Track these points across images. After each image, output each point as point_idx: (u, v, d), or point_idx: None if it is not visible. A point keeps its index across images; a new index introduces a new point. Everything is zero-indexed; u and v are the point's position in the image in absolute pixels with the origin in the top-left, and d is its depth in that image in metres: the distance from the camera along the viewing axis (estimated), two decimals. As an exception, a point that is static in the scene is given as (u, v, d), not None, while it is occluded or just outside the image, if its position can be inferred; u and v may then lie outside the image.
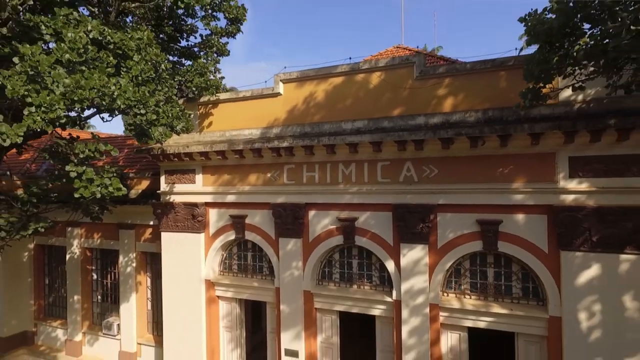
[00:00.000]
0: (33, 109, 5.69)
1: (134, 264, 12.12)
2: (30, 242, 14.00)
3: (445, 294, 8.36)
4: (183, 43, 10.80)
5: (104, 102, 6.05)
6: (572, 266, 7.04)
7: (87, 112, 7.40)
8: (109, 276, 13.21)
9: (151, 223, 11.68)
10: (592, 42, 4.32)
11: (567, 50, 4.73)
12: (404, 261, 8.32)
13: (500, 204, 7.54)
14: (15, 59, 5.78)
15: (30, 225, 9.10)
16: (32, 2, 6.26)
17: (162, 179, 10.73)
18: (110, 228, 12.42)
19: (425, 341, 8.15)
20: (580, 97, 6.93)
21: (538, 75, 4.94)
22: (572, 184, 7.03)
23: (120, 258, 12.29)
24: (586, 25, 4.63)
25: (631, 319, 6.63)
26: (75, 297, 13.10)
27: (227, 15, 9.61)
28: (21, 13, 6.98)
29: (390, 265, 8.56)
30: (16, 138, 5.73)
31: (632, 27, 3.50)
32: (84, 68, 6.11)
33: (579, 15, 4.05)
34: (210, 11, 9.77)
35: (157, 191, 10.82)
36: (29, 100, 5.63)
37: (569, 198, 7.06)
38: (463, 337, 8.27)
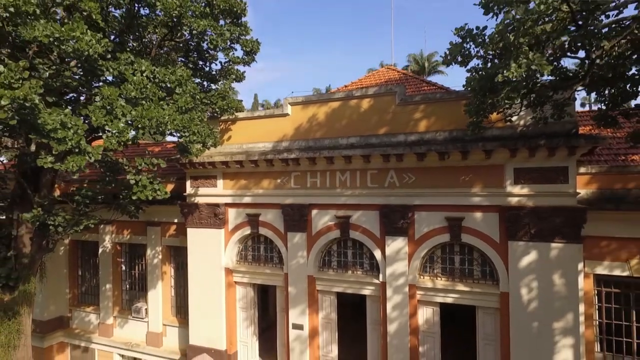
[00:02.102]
0: (109, 133, 7.70)
1: (160, 257, 14.10)
2: (66, 237, 15.92)
3: (421, 277, 10.39)
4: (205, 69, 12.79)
5: (160, 128, 8.05)
6: (517, 253, 9.10)
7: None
8: (136, 267, 15.17)
9: (175, 221, 13.68)
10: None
11: (496, 96, 6.76)
12: (388, 250, 10.35)
13: (463, 204, 9.59)
14: (97, 97, 7.80)
15: (82, 222, 11.05)
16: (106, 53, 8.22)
17: (188, 183, 12.75)
18: (139, 225, 14.37)
19: (405, 314, 10.18)
20: (522, 122, 8.99)
21: (476, 113, 6.95)
22: (516, 189, 9.09)
23: (148, 251, 14.27)
24: None
25: (558, 292, 8.69)
26: (107, 286, 15.08)
27: (244, 48, 11.59)
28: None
29: (377, 254, 10.58)
30: (97, 156, 7.72)
31: (506, 101, 5.57)
32: (143, 102, 8.11)
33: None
34: (229, 43, 11.77)
35: (183, 193, 12.82)
36: (107, 127, 7.63)
37: (514, 200, 9.12)
38: (436, 311, 10.31)
